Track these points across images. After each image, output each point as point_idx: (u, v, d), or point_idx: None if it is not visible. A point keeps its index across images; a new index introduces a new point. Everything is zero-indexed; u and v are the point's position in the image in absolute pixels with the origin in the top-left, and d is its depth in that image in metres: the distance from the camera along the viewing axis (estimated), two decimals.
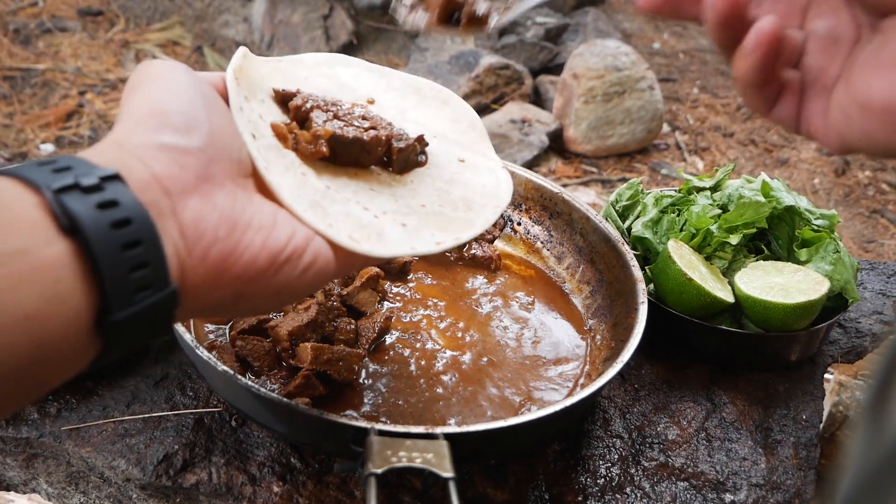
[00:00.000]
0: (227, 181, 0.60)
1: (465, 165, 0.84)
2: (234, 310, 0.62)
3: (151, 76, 0.62)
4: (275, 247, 0.59)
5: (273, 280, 0.59)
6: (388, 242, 0.68)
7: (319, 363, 0.96)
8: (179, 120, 0.59)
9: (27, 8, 4.65)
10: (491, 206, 0.79)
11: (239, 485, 0.94)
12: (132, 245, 0.49)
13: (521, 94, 3.95)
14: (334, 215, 0.67)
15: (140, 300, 0.49)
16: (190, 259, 0.54)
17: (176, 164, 0.56)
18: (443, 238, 0.72)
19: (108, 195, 0.49)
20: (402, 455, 0.76)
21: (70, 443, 0.98)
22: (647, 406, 1.13)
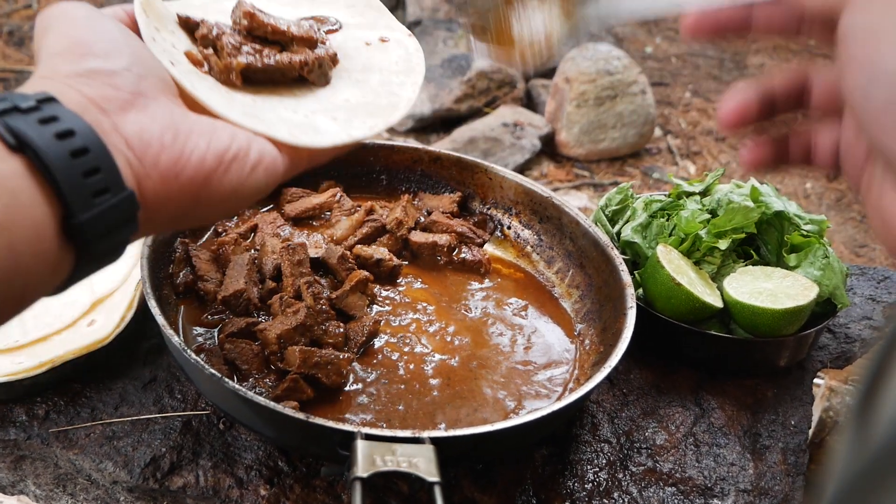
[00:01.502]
0: (160, 95, 0.62)
1: (374, 48, 0.86)
2: (196, 215, 0.64)
3: (60, 15, 0.64)
4: (219, 147, 0.61)
5: (225, 180, 0.62)
6: (326, 133, 0.72)
7: (307, 367, 0.96)
8: (100, 47, 0.61)
9: (21, 10, 4.64)
10: (409, 84, 0.82)
11: (226, 488, 0.94)
12: (80, 153, 0.51)
13: (514, 98, 3.96)
14: (268, 120, 0.70)
15: (100, 203, 0.52)
16: (142, 167, 0.57)
17: (107, 86, 0.58)
18: (374, 122, 0.76)
19: (48, 112, 0.51)
20: (388, 459, 0.76)
21: (58, 445, 0.98)
22: (636, 411, 1.13)
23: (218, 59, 0.75)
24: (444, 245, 1.27)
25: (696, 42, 0.84)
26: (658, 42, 5.46)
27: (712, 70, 5.08)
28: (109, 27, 0.64)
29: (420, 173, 1.43)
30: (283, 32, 0.79)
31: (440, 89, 3.80)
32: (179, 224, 0.66)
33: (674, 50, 5.35)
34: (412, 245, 1.28)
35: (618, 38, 5.20)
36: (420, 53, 0.87)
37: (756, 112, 0.65)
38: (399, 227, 1.28)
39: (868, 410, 0.32)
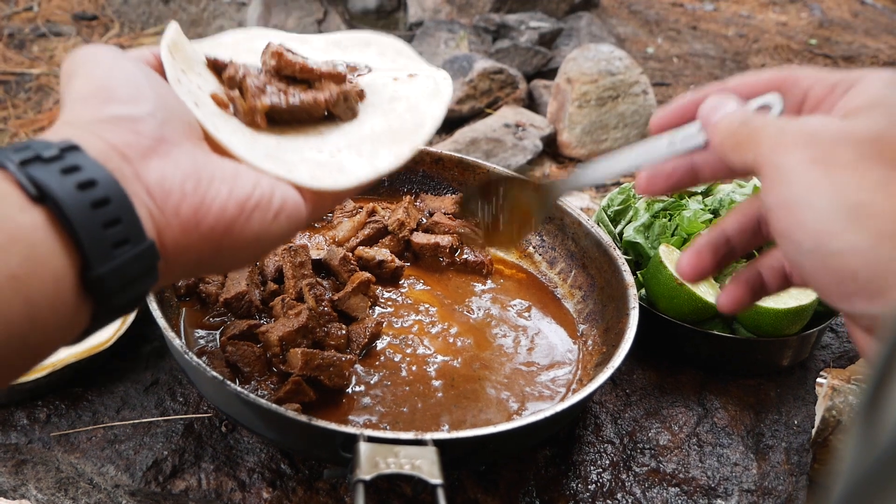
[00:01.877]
0: (184, 140, 0.61)
1: (401, 82, 0.85)
2: (218, 264, 0.63)
3: (85, 60, 0.63)
4: (241, 194, 0.60)
5: (247, 228, 0.61)
6: (351, 172, 0.70)
7: (310, 369, 0.96)
8: (124, 92, 0.60)
9: (22, 13, 4.64)
10: (436, 103, 0.80)
11: (228, 491, 0.94)
12: (101, 203, 0.50)
13: (516, 99, 3.95)
14: (292, 162, 0.68)
15: (119, 255, 0.51)
16: (163, 217, 0.56)
17: (130, 132, 0.57)
18: (400, 150, 0.74)
19: (70, 162, 0.51)
20: (390, 461, 0.76)
21: (59, 449, 0.98)
22: (639, 411, 1.13)
23: (243, 100, 0.74)
24: (446, 246, 1.27)
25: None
26: (660, 42, 5.46)
27: (714, 70, 5.08)
28: (134, 71, 0.63)
29: (422, 174, 1.43)
30: (311, 70, 0.78)
31: None
32: (199, 272, 0.66)
33: (675, 50, 5.34)
34: (414, 246, 1.28)
35: (619, 39, 5.20)
36: (448, 81, 0.85)
37: (712, 263, 0.69)
38: (401, 229, 1.28)
39: (874, 411, 0.32)
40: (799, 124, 0.56)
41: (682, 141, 0.67)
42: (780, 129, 0.57)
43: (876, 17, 6.50)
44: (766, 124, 0.58)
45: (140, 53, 0.69)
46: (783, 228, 0.54)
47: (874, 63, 5.45)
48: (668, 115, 0.70)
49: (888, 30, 6.22)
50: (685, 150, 0.66)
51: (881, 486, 0.30)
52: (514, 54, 4.23)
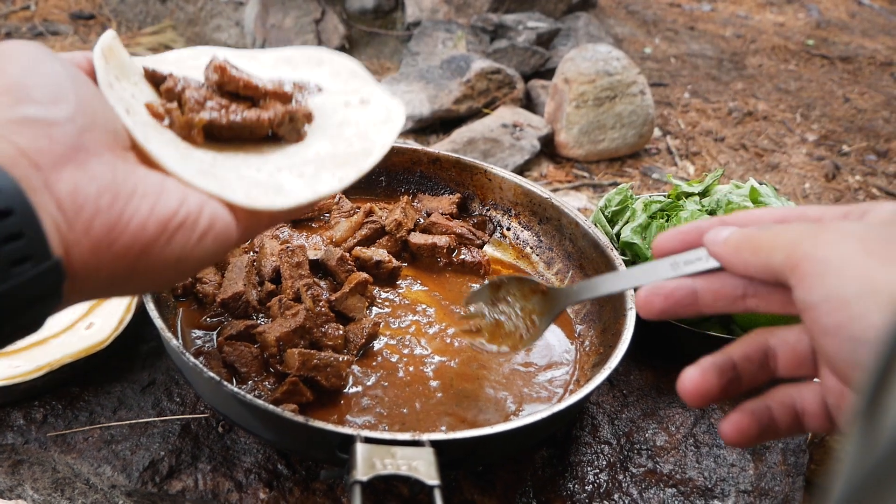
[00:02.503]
0: (105, 150, 0.55)
1: (352, 108, 0.81)
2: (131, 285, 0.57)
3: (5, 54, 0.58)
4: (164, 213, 0.55)
5: (167, 249, 0.55)
6: (289, 193, 0.66)
7: (307, 369, 0.96)
8: (42, 92, 0.54)
9: (19, 11, 4.64)
10: (386, 131, 0.76)
11: (225, 491, 0.94)
12: (1, 216, 0.46)
13: (513, 99, 3.95)
14: (227, 179, 0.64)
15: (18, 274, 0.46)
16: (72, 233, 0.51)
17: (43, 137, 0.52)
18: (344, 173, 0.70)
19: None
20: (387, 462, 0.75)
21: (56, 449, 0.98)
22: (636, 412, 1.13)
23: (180, 113, 0.69)
24: (443, 246, 1.27)
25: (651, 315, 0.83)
26: (657, 43, 5.46)
27: (711, 70, 5.08)
28: (57, 70, 0.57)
29: (419, 174, 1.43)
30: (255, 87, 0.74)
31: (439, 90, 3.80)
32: (111, 293, 0.59)
33: (673, 51, 5.35)
34: (411, 247, 1.28)
35: (617, 39, 5.20)
36: (401, 109, 0.81)
37: (718, 388, 0.65)
38: (398, 229, 1.28)
39: (873, 412, 0.32)
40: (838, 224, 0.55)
41: (685, 264, 0.67)
42: (817, 228, 0.55)
43: (873, 18, 6.51)
44: (796, 227, 0.57)
45: (72, 56, 0.64)
46: (832, 324, 0.51)
47: (871, 63, 5.45)
48: (670, 238, 0.69)
49: (885, 30, 6.23)
50: (688, 272, 0.66)
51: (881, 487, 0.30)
52: (512, 54, 4.23)
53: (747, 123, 4.39)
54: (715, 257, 0.64)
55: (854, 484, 0.32)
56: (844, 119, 4.56)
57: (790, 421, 0.64)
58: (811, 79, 5.12)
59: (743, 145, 4.14)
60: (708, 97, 4.65)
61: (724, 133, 4.24)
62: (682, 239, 0.68)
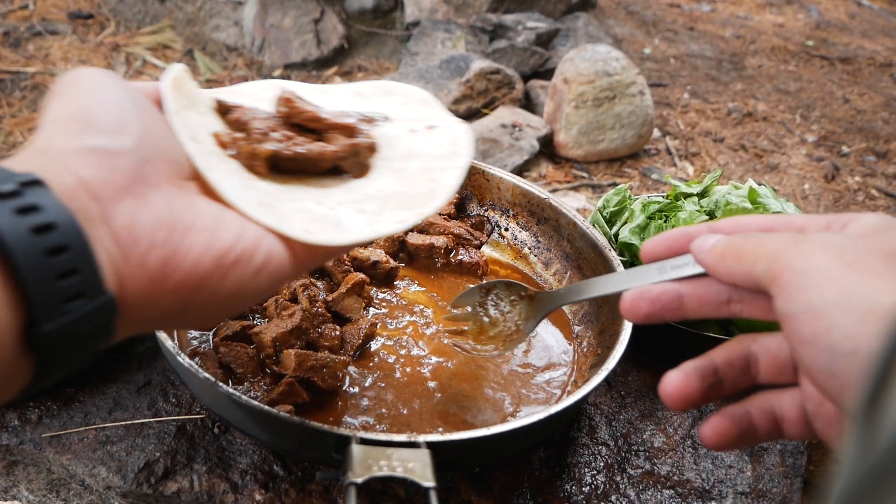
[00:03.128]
0: (164, 183, 0.55)
1: (418, 134, 0.79)
2: (183, 320, 0.56)
3: (74, 82, 0.58)
4: (220, 248, 0.55)
5: (222, 285, 0.55)
6: (348, 229, 0.64)
7: (303, 370, 0.96)
8: (106, 121, 0.54)
9: (17, 11, 4.63)
10: (451, 169, 0.75)
11: (221, 493, 0.93)
12: (57, 251, 0.45)
13: (512, 99, 3.95)
14: (285, 212, 0.63)
15: (72, 310, 0.46)
16: (127, 266, 0.50)
17: (105, 167, 0.51)
18: (405, 216, 0.68)
19: (28, 200, 0.45)
20: (383, 464, 0.75)
21: (51, 450, 0.97)
22: (634, 413, 1.12)
23: (246, 143, 0.68)
24: (441, 247, 1.26)
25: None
26: (657, 43, 5.46)
27: (711, 71, 5.08)
28: (122, 98, 0.57)
29: None
30: (321, 120, 0.73)
31: (438, 90, 3.80)
32: (162, 326, 0.59)
33: (672, 51, 5.34)
34: (409, 247, 1.27)
35: (616, 40, 5.20)
36: (468, 137, 0.79)
37: (700, 392, 0.65)
38: None
39: (873, 413, 0.31)
40: (819, 236, 0.56)
41: (672, 268, 0.68)
42: (799, 239, 0.56)
43: (873, 19, 6.51)
44: (778, 237, 0.58)
45: (141, 85, 0.64)
46: (809, 334, 0.52)
47: (870, 64, 5.45)
48: (658, 244, 0.70)
49: (885, 31, 6.23)
50: (675, 277, 0.67)
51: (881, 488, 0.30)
52: (511, 54, 4.22)
53: (747, 124, 4.39)
54: (701, 265, 0.65)
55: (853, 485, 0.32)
56: (844, 120, 4.56)
57: (769, 426, 0.65)
58: (811, 79, 5.12)
59: (742, 146, 4.14)
60: (707, 98, 4.64)
61: (724, 134, 4.23)
62: (669, 245, 0.69)
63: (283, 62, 4.57)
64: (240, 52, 4.68)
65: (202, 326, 0.58)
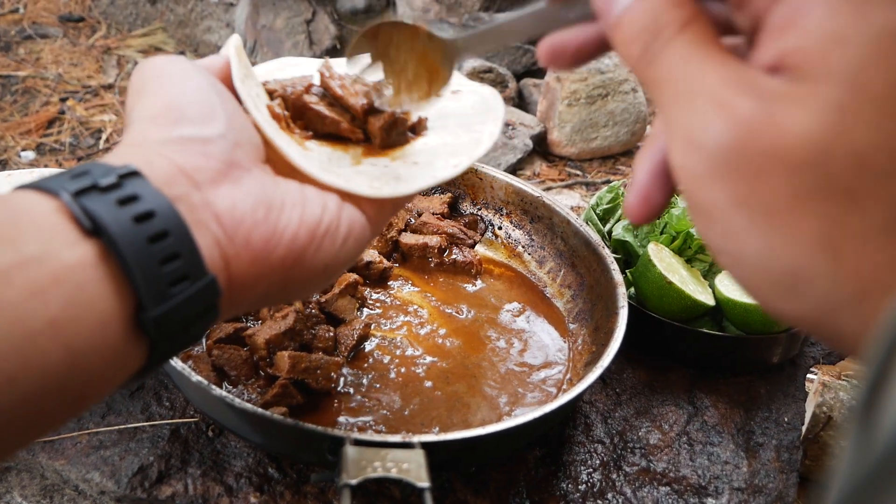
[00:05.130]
0: (253, 165, 0.58)
1: (446, 98, 0.79)
2: (284, 295, 0.60)
3: (154, 73, 0.60)
4: (311, 221, 0.57)
5: (317, 257, 0.57)
6: (408, 180, 0.66)
7: (297, 372, 0.95)
8: (195, 110, 0.57)
9: (7, 14, 4.62)
10: (489, 122, 0.75)
11: (215, 496, 0.93)
12: (159, 237, 0.47)
13: (505, 98, 3.94)
14: (346, 175, 0.65)
15: (177, 293, 0.48)
16: (233, 247, 0.52)
17: (200, 155, 0.54)
18: (458, 161, 0.70)
19: (128, 191, 0.47)
20: (377, 465, 0.75)
21: (44, 455, 0.97)
22: (629, 410, 1.12)
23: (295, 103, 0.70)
24: (434, 246, 1.26)
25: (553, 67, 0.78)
26: None
27: None
28: (206, 87, 0.59)
29: None
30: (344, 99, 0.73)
31: None
32: (264, 304, 0.61)
33: None
34: (402, 247, 1.27)
35: None
36: (497, 97, 0.79)
37: (661, 191, 0.48)
38: (389, 229, 1.27)
39: (871, 412, 0.31)
40: (715, 109, 0.39)
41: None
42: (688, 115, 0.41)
43: None
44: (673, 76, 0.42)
45: (207, 62, 0.65)
46: (674, 119, 0.42)
47: None
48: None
49: None
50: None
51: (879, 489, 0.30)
52: (504, 53, 4.22)
53: None
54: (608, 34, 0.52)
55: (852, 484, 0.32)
56: None
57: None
58: None
59: None
60: None
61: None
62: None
63: None
64: None
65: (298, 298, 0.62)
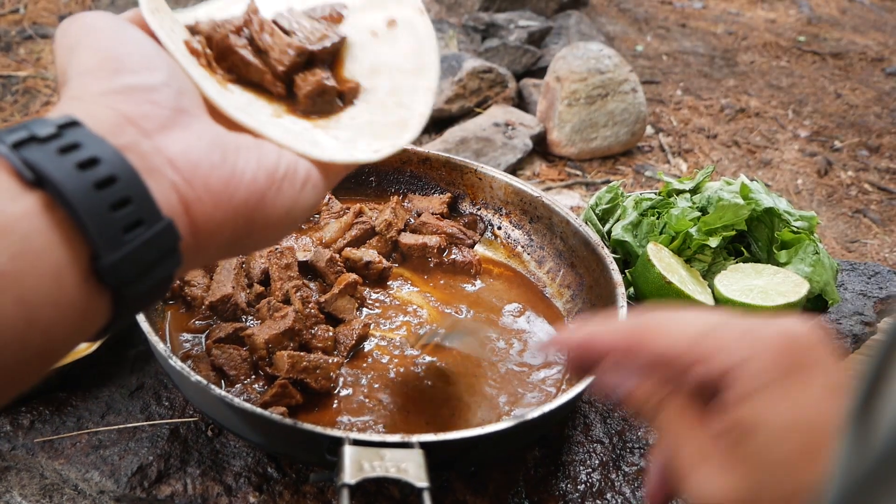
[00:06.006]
0: (200, 111, 0.57)
1: (381, 38, 0.76)
2: (251, 241, 0.59)
3: (85, 29, 0.58)
4: (269, 164, 0.57)
5: (279, 200, 0.57)
6: (325, 148, 0.64)
7: (296, 372, 0.95)
8: (135, 60, 0.55)
9: (8, 15, 4.62)
10: (421, 91, 0.73)
11: (215, 496, 0.93)
12: (106, 183, 0.46)
13: (505, 98, 3.95)
14: (262, 120, 0.63)
15: (132, 239, 0.46)
16: (192, 191, 0.51)
17: (146, 102, 0.52)
18: (379, 146, 0.67)
19: (69, 139, 0.46)
20: (376, 465, 0.75)
21: (43, 455, 0.97)
22: (628, 410, 1.12)
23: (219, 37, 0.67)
24: (434, 247, 1.26)
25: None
26: (649, 40, 5.46)
27: (703, 67, 5.09)
28: (140, 38, 0.58)
29: (409, 174, 1.42)
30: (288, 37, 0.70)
31: None
32: (231, 252, 0.60)
33: (665, 48, 5.35)
34: (402, 247, 1.27)
35: (608, 37, 5.20)
36: (432, 40, 0.76)
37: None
38: (388, 229, 1.27)
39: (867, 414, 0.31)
40: None
41: None
42: None
43: (864, 14, 6.53)
44: None
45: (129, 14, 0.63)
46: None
47: (862, 59, 5.46)
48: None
49: (876, 26, 6.24)
50: None
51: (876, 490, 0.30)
52: (504, 53, 4.22)
53: (739, 120, 4.39)
54: None
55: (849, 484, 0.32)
56: (836, 115, 4.57)
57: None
58: (803, 75, 5.13)
59: (735, 142, 4.14)
60: (700, 94, 4.65)
61: (717, 130, 4.24)
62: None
63: None
64: None
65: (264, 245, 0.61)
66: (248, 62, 0.68)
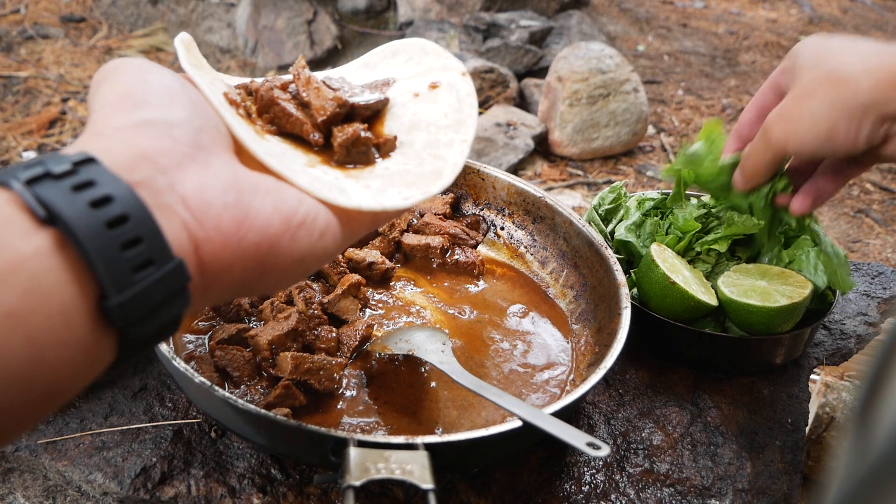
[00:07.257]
0: (221, 150, 0.56)
1: (422, 98, 0.78)
2: (262, 285, 0.58)
3: (114, 68, 0.59)
4: (286, 210, 0.56)
5: (293, 247, 0.56)
6: (352, 195, 0.64)
7: (300, 373, 0.95)
8: (157, 96, 0.56)
9: (9, 15, 4.62)
10: (457, 143, 0.73)
11: (218, 497, 0.93)
12: (118, 222, 0.46)
13: (506, 98, 3.95)
14: (292, 167, 0.63)
15: (141, 279, 0.46)
16: (203, 230, 0.51)
17: (165, 138, 0.52)
18: (410, 193, 0.67)
19: (84, 177, 0.46)
20: (381, 466, 0.75)
21: (46, 456, 0.97)
22: (632, 411, 1.12)
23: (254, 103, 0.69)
24: (436, 247, 1.26)
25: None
26: (650, 40, 5.46)
27: (704, 67, 5.08)
28: (165, 76, 0.59)
29: None
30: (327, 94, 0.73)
31: None
32: (241, 293, 0.60)
33: (666, 48, 5.35)
34: (404, 247, 1.27)
35: (610, 37, 5.20)
36: (472, 98, 0.77)
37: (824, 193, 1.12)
38: (391, 230, 1.27)
39: (869, 415, 0.31)
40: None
41: None
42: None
43: (865, 14, 6.52)
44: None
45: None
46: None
47: None
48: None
49: (877, 25, 6.24)
50: None
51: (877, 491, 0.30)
52: (505, 53, 4.22)
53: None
54: None
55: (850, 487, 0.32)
56: None
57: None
58: None
59: None
60: (701, 94, 4.65)
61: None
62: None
63: (276, 63, 4.56)
64: (233, 54, 4.67)
65: (276, 289, 0.61)
66: (289, 113, 0.70)
